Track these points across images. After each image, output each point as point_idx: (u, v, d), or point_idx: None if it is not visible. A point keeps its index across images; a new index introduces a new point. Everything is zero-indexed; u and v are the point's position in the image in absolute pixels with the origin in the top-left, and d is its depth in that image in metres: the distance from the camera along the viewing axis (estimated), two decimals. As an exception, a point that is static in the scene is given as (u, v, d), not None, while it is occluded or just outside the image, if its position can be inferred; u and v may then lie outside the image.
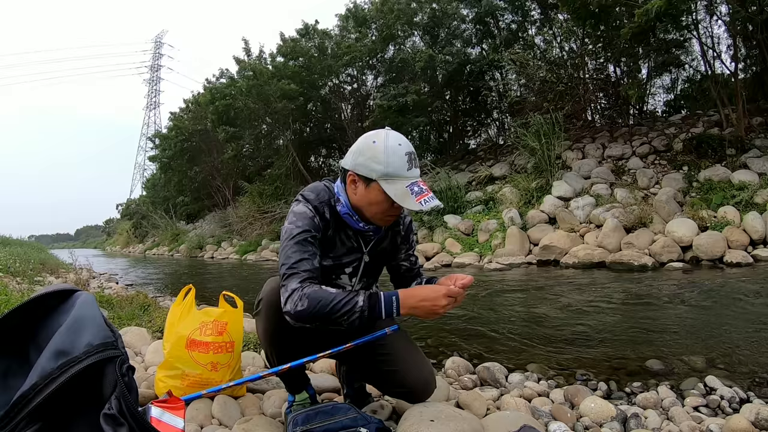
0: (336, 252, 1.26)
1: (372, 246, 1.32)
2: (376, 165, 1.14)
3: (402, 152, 1.15)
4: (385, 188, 1.14)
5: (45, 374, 0.68)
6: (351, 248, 1.28)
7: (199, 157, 17.70)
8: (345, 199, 1.22)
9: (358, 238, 1.29)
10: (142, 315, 3.07)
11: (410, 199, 1.12)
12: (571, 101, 9.14)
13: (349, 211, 1.22)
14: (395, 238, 1.39)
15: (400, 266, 1.42)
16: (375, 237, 1.32)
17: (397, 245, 1.40)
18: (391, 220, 1.25)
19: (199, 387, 1.50)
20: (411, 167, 1.16)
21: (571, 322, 3.14)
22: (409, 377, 1.29)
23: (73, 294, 0.85)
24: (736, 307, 3.38)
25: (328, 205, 1.23)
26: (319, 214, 1.21)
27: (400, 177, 1.14)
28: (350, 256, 1.29)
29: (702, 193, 6.53)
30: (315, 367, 1.93)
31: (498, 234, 7.24)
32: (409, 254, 1.43)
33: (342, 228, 1.26)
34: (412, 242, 1.44)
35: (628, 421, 1.55)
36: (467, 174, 9.90)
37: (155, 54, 50.09)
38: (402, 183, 1.14)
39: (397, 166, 1.14)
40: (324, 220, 1.22)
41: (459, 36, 11.58)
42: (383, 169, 1.13)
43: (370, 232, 1.29)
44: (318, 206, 1.21)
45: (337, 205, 1.24)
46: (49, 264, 7.82)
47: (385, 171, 1.13)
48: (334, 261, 1.27)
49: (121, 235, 29.19)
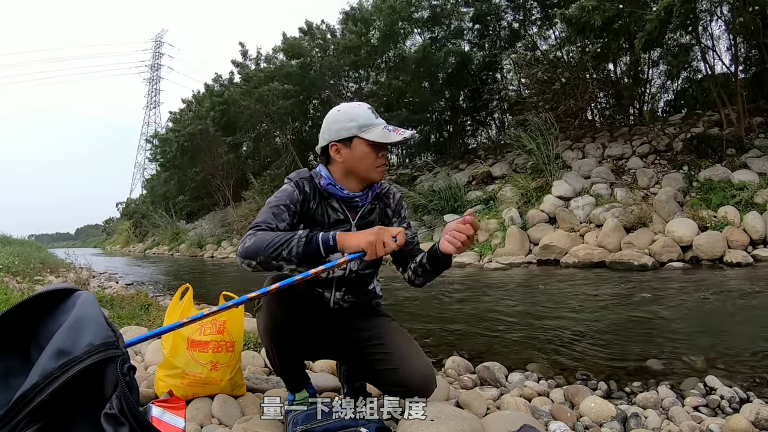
0: (322, 224, 1.32)
1: (359, 217, 1.36)
2: (349, 123, 1.27)
3: (364, 107, 1.31)
4: (365, 137, 1.27)
5: (46, 373, 0.68)
6: (338, 220, 1.34)
7: (199, 157, 17.71)
8: (326, 173, 1.34)
9: (345, 210, 1.34)
10: (142, 314, 3.07)
11: (391, 135, 1.27)
12: (570, 101, 9.14)
13: (332, 182, 1.32)
14: (385, 211, 1.43)
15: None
16: (362, 203, 1.36)
17: (389, 218, 1.44)
18: (383, 171, 1.34)
19: (199, 386, 1.50)
20: (377, 116, 1.31)
21: (571, 321, 3.14)
22: (409, 376, 1.29)
23: (73, 293, 0.85)
24: (736, 307, 3.38)
25: (308, 180, 1.34)
26: (299, 187, 1.31)
27: (373, 124, 1.28)
28: (338, 228, 1.33)
29: (702, 193, 6.53)
30: (315, 366, 1.93)
31: (498, 233, 7.24)
32: (403, 228, 1.42)
33: (327, 200, 1.34)
34: (404, 217, 1.47)
35: (628, 420, 1.55)
36: (467, 173, 9.90)
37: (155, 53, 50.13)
38: (377, 127, 1.28)
39: (366, 117, 1.29)
40: (303, 192, 1.31)
41: (459, 35, 11.57)
42: (357, 123, 1.27)
43: (356, 199, 1.34)
44: (298, 181, 1.33)
45: (321, 180, 1.33)
46: (49, 263, 7.82)
47: (359, 123, 1.27)
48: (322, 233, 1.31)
49: (121, 235, 29.18)
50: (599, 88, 10.10)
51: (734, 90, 7.61)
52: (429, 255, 1.33)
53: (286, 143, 13.81)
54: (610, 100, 10.34)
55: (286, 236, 1.14)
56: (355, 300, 1.41)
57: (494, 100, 12.28)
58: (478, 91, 12.10)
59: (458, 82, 11.80)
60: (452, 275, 6.08)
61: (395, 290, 4.77)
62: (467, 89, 12.38)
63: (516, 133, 8.66)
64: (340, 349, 1.44)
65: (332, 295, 1.39)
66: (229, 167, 16.47)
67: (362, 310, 1.44)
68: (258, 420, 1.35)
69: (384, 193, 1.44)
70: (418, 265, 1.37)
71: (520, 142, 8.43)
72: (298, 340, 1.30)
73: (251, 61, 13.50)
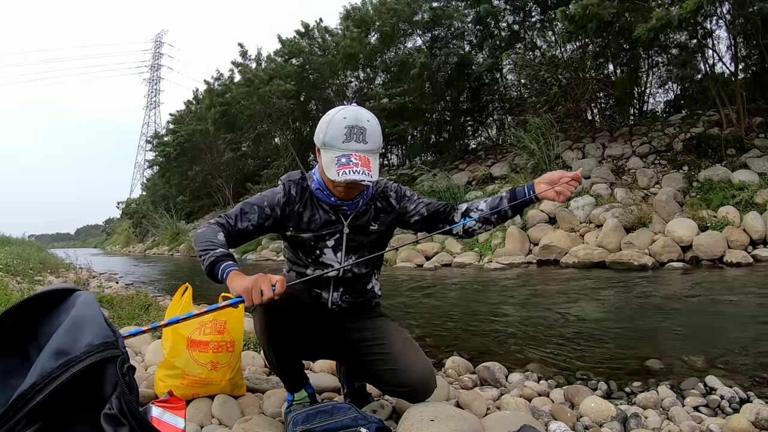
0: (313, 225, 1.32)
1: (352, 218, 1.35)
2: (320, 134, 1.23)
3: (343, 125, 1.19)
4: (321, 155, 1.23)
5: (45, 373, 0.68)
6: (329, 221, 1.33)
7: (200, 157, 17.73)
8: (318, 177, 1.32)
9: (337, 212, 1.33)
10: (142, 314, 3.07)
11: (332, 168, 1.18)
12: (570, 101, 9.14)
13: (320, 186, 1.31)
14: (386, 207, 1.40)
15: (421, 216, 1.41)
16: (350, 212, 1.34)
17: (395, 211, 1.41)
18: (343, 192, 1.27)
19: (199, 387, 1.50)
20: (348, 140, 1.19)
21: (571, 321, 3.14)
22: (408, 376, 1.29)
23: (73, 293, 0.85)
24: (736, 307, 3.38)
25: (296, 183, 1.34)
26: (285, 190, 1.32)
27: (333, 147, 1.20)
28: (329, 228, 1.33)
29: (702, 193, 6.53)
30: (315, 366, 1.93)
31: (498, 234, 7.24)
32: (419, 207, 1.41)
33: (316, 202, 1.33)
34: (410, 196, 1.44)
35: (628, 420, 1.55)
36: (467, 174, 9.90)
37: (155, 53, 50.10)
38: (333, 153, 1.19)
39: (334, 137, 1.19)
40: (288, 195, 1.32)
41: (459, 37, 11.57)
42: (322, 138, 1.22)
43: (344, 206, 1.32)
44: (285, 184, 1.34)
45: (312, 184, 1.33)
46: (49, 263, 7.81)
47: (323, 140, 1.21)
48: (314, 233, 1.33)
49: (121, 235, 29.19)
50: (599, 88, 10.10)
51: (734, 90, 7.61)
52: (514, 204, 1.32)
53: (286, 143, 13.80)
54: (610, 100, 10.35)
55: (209, 247, 1.18)
56: (353, 300, 1.41)
57: (494, 100, 12.28)
58: (478, 91, 12.09)
59: (458, 83, 11.80)
60: (452, 275, 6.08)
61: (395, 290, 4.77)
62: (467, 90, 12.38)
63: (516, 133, 8.66)
64: (340, 350, 1.44)
65: (330, 296, 1.39)
66: (229, 167, 16.46)
67: (361, 311, 1.43)
68: (258, 420, 1.35)
69: (381, 191, 1.41)
70: (491, 215, 1.35)
71: (521, 143, 8.44)
72: (295, 341, 1.30)
73: (251, 61, 13.49)
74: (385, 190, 1.42)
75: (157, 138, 21.14)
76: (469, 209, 1.39)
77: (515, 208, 1.35)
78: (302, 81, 11.98)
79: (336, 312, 1.40)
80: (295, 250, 1.38)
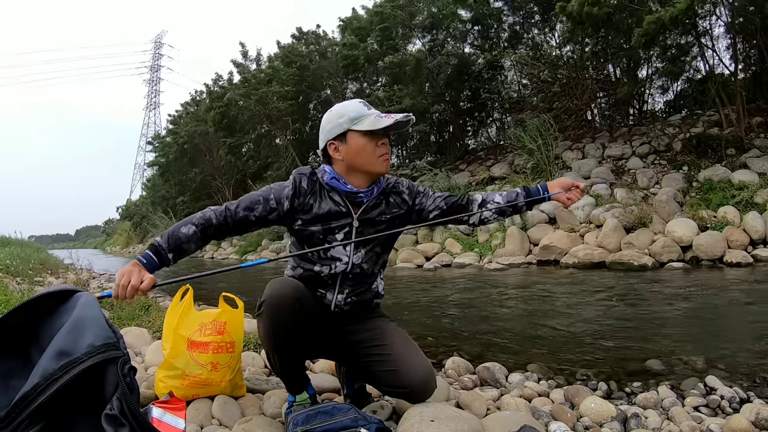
0: (323, 216, 1.32)
1: (362, 211, 1.35)
2: (341, 119, 1.29)
3: (355, 101, 1.33)
4: (358, 128, 1.27)
5: (47, 375, 0.68)
6: (339, 213, 1.33)
7: (200, 158, 17.73)
8: (330, 169, 1.34)
9: (348, 204, 1.33)
10: (142, 315, 3.07)
11: (381, 120, 1.27)
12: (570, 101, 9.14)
13: (336, 176, 1.33)
14: (399, 202, 1.41)
15: (441, 210, 1.44)
16: (366, 199, 1.35)
17: (407, 205, 1.42)
18: (386, 159, 1.33)
19: (200, 387, 1.50)
20: (369, 108, 1.32)
21: (571, 322, 3.14)
22: (408, 377, 1.29)
23: (74, 294, 0.85)
24: (736, 306, 3.38)
25: (306, 176, 1.35)
26: (295, 182, 1.33)
27: (363, 115, 1.29)
28: (339, 221, 1.33)
29: (702, 193, 6.53)
30: (315, 367, 1.94)
31: (498, 234, 7.24)
32: (437, 202, 1.44)
33: (328, 193, 1.34)
34: (423, 192, 1.46)
35: (629, 421, 1.55)
36: (467, 174, 9.90)
37: (155, 54, 50.17)
38: (369, 117, 1.28)
39: (357, 109, 1.30)
40: (297, 188, 1.33)
41: (458, 37, 11.56)
42: (348, 117, 1.28)
43: (360, 194, 1.33)
44: (296, 177, 1.35)
45: (324, 176, 1.34)
46: (48, 264, 7.81)
47: (350, 117, 1.28)
48: (323, 225, 1.33)
49: (121, 236, 29.19)
50: (599, 88, 10.11)
51: (734, 90, 7.61)
52: (529, 201, 1.44)
53: (286, 144, 13.81)
54: (610, 100, 10.35)
55: (166, 233, 1.28)
56: (358, 300, 1.41)
57: (494, 100, 12.27)
58: (478, 91, 12.09)
59: (458, 84, 11.79)
60: (452, 276, 6.08)
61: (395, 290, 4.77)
62: (467, 90, 12.37)
63: (516, 133, 8.66)
64: (339, 350, 1.44)
65: (334, 298, 1.38)
66: (229, 169, 16.45)
67: (361, 311, 1.43)
68: (258, 421, 1.36)
69: (392, 186, 1.42)
70: (507, 207, 1.45)
71: (521, 143, 8.44)
72: (300, 344, 1.30)
73: (251, 62, 13.51)
74: (397, 186, 1.43)
75: (158, 139, 21.16)
76: (485, 200, 1.47)
77: (528, 205, 1.48)
78: (300, 83, 11.98)
79: (338, 314, 1.40)
80: (303, 246, 1.37)
